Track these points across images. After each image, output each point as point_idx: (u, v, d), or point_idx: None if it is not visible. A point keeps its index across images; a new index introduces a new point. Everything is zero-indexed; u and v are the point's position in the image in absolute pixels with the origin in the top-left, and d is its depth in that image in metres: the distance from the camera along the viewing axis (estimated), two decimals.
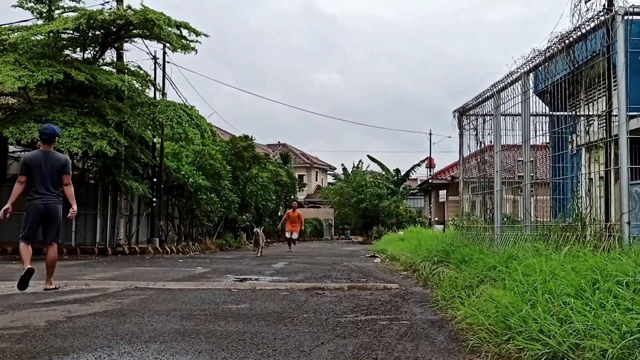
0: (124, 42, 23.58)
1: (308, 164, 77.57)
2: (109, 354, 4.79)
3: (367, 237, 50.29)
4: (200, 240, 30.26)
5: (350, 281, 11.35)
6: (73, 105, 20.46)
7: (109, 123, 20.49)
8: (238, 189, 34.71)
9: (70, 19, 20.21)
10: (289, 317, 6.78)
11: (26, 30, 20.96)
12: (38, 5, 23.18)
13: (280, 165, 50.03)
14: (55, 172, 9.53)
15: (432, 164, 55.22)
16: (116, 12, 21.12)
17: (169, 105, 22.01)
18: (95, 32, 21.64)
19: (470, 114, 12.17)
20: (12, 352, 4.82)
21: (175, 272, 13.49)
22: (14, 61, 19.12)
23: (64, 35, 21.50)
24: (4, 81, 18.29)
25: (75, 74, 19.36)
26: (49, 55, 20.24)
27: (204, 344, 5.22)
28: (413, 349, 5.14)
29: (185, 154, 28.61)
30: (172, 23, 21.22)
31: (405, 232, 28.00)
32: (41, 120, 18.81)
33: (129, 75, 23.40)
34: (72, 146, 18.39)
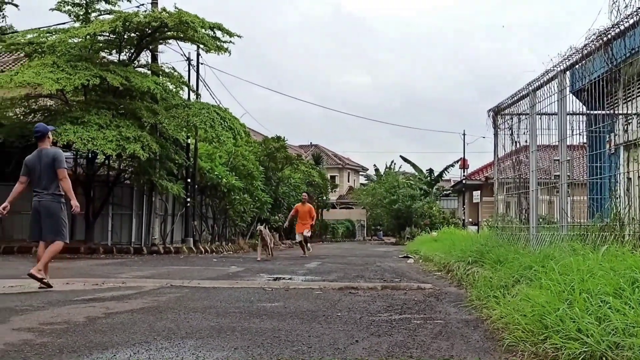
0: (158, 44, 23.82)
1: (340, 164, 77.54)
2: (147, 349, 4.86)
3: (399, 238, 50.10)
4: (233, 240, 30.45)
5: (383, 281, 11.34)
6: (109, 107, 20.72)
7: (143, 125, 20.71)
8: (270, 189, 34.85)
9: (107, 22, 20.47)
10: (323, 315, 6.80)
11: (64, 33, 21.27)
12: (75, 8, 23.52)
13: (313, 166, 50.08)
14: (47, 169, 9.44)
15: (466, 164, 54.86)
16: (151, 14, 21.33)
17: (203, 108, 22.17)
18: (131, 35, 21.88)
19: (505, 113, 12.07)
20: (53, 346, 4.91)
21: (209, 271, 13.59)
22: (52, 63, 19.42)
23: (100, 38, 21.77)
24: (43, 83, 18.58)
25: (110, 78, 19.60)
26: (86, 58, 20.52)
27: (239, 340, 5.27)
28: (448, 347, 5.13)
29: (219, 154, 28.78)
30: (206, 25, 21.38)
31: (439, 233, 27.85)
32: (77, 122, 19.09)
33: (164, 77, 23.62)
34: (106, 148, 18.62)
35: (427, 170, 58.80)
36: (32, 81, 18.74)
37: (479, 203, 37.90)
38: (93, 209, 22.34)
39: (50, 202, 9.40)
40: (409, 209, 50.79)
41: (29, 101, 21.94)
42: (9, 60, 29.48)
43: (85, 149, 19.16)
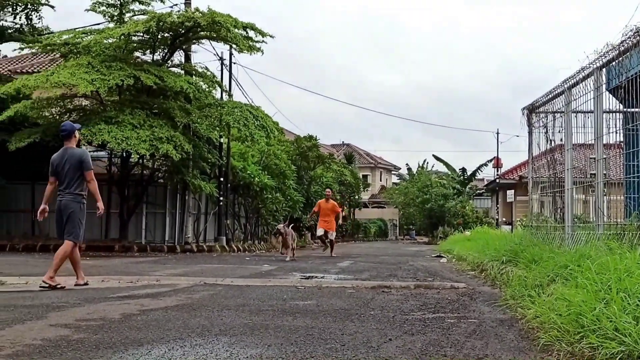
0: (191, 44, 24.00)
1: (372, 164, 77.39)
2: (181, 345, 4.89)
3: (432, 237, 49.89)
4: (265, 239, 30.58)
5: (416, 280, 11.30)
6: (142, 106, 20.94)
7: (177, 125, 20.87)
8: (303, 188, 34.91)
9: (141, 22, 20.68)
10: (356, 313, 6.79)
11: (98, 34, 21.55)
12: (110, 9, 23.83)
13: (345, 165, 50.05)
14: (72, 169, 9.32)
15: (499, 163, 54.41)
16: (184, 14, 21.50)
17: (236, 107, 22.30)
18: (164, 35, 22.08)
19: (540, 111, 11.93)
20: (89, 342, 4.97)
21: (242, 270, 13.65)
22: (87, 64, 19.67)
23: (134, 38, 22.02)
24: (77, 84, 18.83)
25: (144, 78, 19.79)
26: (120, 58, 20.75)
27: (272, 337, 5.28)
28: (482, 346, 5.09)
29: (251, 153, 28.91)
30: (239, 25, 21.48)
31: (472, 233, 27.66)
32: (111, 122, 19.31)
33: (197, 77, 23.79)
34: (139, 148, 18.82)
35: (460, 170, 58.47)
36: (67, 82, 19.02)
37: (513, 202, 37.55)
38: (127, 208, 22.58)
39: (70, 201, 9.30)
40: (441, 208, 50.54)
41: (65, 101, 22.27)
42: (45, 60, 29.96)
43: (119, 148, 19.40)
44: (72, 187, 9.31)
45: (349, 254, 23.45)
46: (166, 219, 23.71)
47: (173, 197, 23.87)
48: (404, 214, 60.73)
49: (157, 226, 23.85)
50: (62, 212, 9.33)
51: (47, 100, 21.45)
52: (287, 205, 30.56)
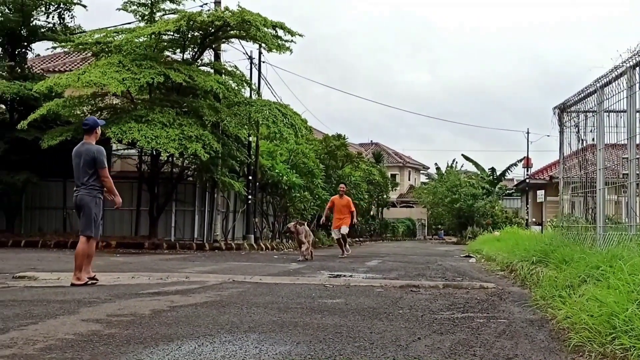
0: (221, 43, 24.10)
1: (401, 163, 77.15)
2: (210, 341, 4.93)
3: (461, 237, 49.60)
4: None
5: (445, 280, 11.25)
6: (172, 105, 21.08)
7: (205, 124, 20.99)
8: (331, 187, 34.86)
9: (171, 21, 20.83)
10: (385, 312, 6.79)
11: (129, 33, 21.75)
12: (140, 8, 24.04)
13: (373, 165, 49.95)
14: (86, 165, 9.25)
15: (530, 163, 53.92)
16: (214, 13, 21.61)
17: (265, 105, 22.36)
18: (194, 34, 22.21)
19: (572, 110, 11.80)
20: (121, 337, 5.02)
21: (270, 268, 13.70)
22: (118, 62, 19.85)
23: (164, 37, 22.18)
24: (108, 84, 19.02)
25: (174, 76, 19.93)
26: (151, 57, 20.91)
27: (301, 335, 5.30)
28: (512, 346, 5.06)
29: (280, 152, 28.97)
30: (269, 24, 21.52)
31: (501, 233, 27.46)
32: (141, 121, 19.48)
33: (226, 76, 23.90)
34: (169, 147, 18.95)
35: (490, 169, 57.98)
36: (98, 81, 19.20)
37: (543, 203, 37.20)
38: (157, 206, 22.76)
39: (84, 195, 9.23)
40: (470, 208, 50.21)
41: (96, 99, 22.51)
42: (77, 59, 30.32)
43: (148, 147, 19.55)
44: (86, 182, 9.24)
45: (377, 253, 23.43)
46: (195, 216, 23.86)
47: (202, 195, 24.02)
48: (433, 213, 60.44)
49: (186, 224, 24.01)
50: (77, 207, 9.34)
51: (79, 98, 21.69)
52: (315, 204, 30.58)
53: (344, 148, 37.62)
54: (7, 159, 21.61)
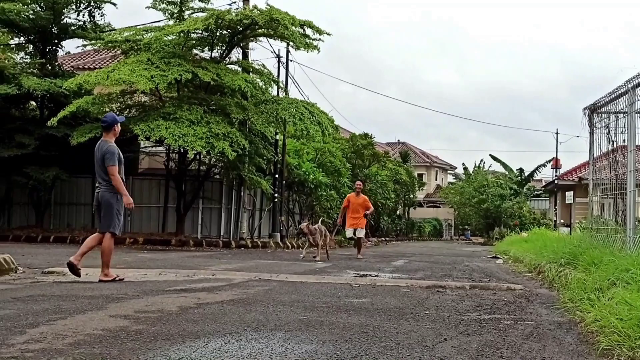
0: (249, 42, 24.18)
1: (428, 163, 76.81)
2: (237, 339, 4.95)
3: (488, 238, 49.28)
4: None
5: (472, 281, 11.18)
6: (200, 103, 21.19)
7: (232, 121, 21.07)
8: None
9: (200, 19, 20.93)
10: (411, 312, 6.76)
11: (159, 31, 21.93)
12: (170, 6, 24.22)
13: (400, 164, 49.82)
14: (100, 162, 9.25)
15: (558, 164, 53.40)
16: (243, 12, 21.67)
17: (292, 103, 22.39)
18: (223, 32, 22.30)
19: (602, 111, 11.66)
20: (148, 333, 5.06)
21: (296, 266, 13.72)
22: (147, 60, 20.01)
23: (193, 35, 22.30)
24: (137, 82, 19.16)
25: (202, 74, 20.02)
26: (179, 55, 21.04)
27: (327, 334, 5.30)
28: (540, 349, 5.01)
29: (306, 151, 29.00)
30: (297, 22, 21.52)
31: (529, 234, 27.23)
32: (169, 118, 19.61)
33: (254, 74, 23.97)
34: (196, 145, 19.05)
35: (518, 170, 57.58)
36: (127, 79, 19.34)
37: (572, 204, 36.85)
38: (184, 203, 22.91)
39: (105, 192, 9.21)
40: (498, 209, 49.89)
41: (125, 97, 22.71)
42: (106, 57, 30.61)
43: (176, 145, 19.66)
44: (106, 179, 9.23)
45: (403, 253, 23.36)
46: (222, 214, 23.97)
47: (229, 192, 24.12)
48: (459, 213, 60.14)
49: (213, 221, 24.13)
50: (97, 203, 9.36)
51: (108, 96, 21.90)
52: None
53: (370, 147, 37.57)
54: (37, 155, 21.87)
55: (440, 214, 66.19)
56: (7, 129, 22.17)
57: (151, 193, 24.54)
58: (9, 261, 9.95)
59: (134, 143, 24.37)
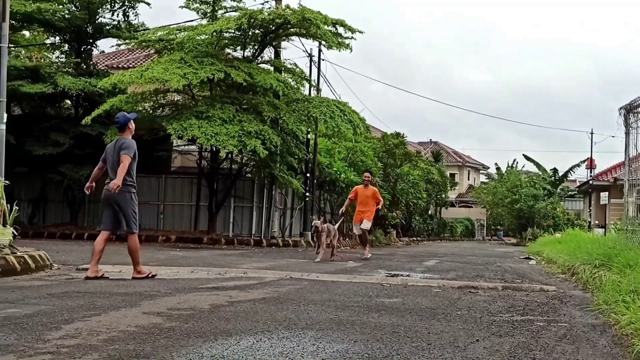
0: (281, 41, 24.22)
1: (460, 162, 76.34)
2: (269, 337, 4.97)
3: (520, 238, 48.84)
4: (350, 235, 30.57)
5: (504, 281, 11.09)
6: (232, 102, 21.30)
7: (265, 120, 21.14)
8: (389, 185, 34.75)
9: (232, 19, 21.03)
10: (442, 313, 6.73)
11: (192, 30, 22.09)
12: (203, 6, 24.38)
13: (432, 164, 49.58)
14: (115, 157, 9.09)
15: (593, 164, 52.72)
16: (275, 11, 21.72)
17: (323, 102, 22.40)
18: (255, 31, 22.38)
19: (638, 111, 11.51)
20: (181, 330, 5.11)
21: (327, 265, 13.72)
22: (180, 59, 20.16)
23: (225, 35, 22.40)
24: (170, 79, 19.32)
25: (234, 74, 20.10)
26: (212, 54, 21.17)
27: (358, 334, 5.30)
28: (573, 351, 4.96)
29: (338, 150, 28.98)
30: (329, 21, 21.51)
31: (562, 235, 26.93)
32: (202, 117, 19.74)
33: (286, 73, 24.03)
34: (228, 145, 19.13)
35: (551, 170, 56.95)
36: (160, 77, 19.51)
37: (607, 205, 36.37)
38: (216, 201, 23.04)
39: (119, 192, 9.00)
40: (531, 209, 49.41)
41: (158, 96, 22.90)
42: (140, 56, 30.91)
43: (208, 144, 19.76)
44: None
45: (434, 253, 23.26)
46: (253, 213, 24.06)
47: (260, 191, 24.21)
48: (492, 214, 59.71)
49: (244, 220, 24.23)
50: (109, 203, 9.20)
51: (142, 94, 22.11)
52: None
53: (402, 146, 37.42)
54: (72, 154, 22.15)
55: (473, 214, 65.78)
56: (43, 127, 22.51)
57: (183, 191, 24.73)
58: (45, 258, 10.10)
59: (166, 142, 24.60)
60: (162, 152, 25.60)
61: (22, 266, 9.24)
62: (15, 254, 9.49)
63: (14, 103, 22.62)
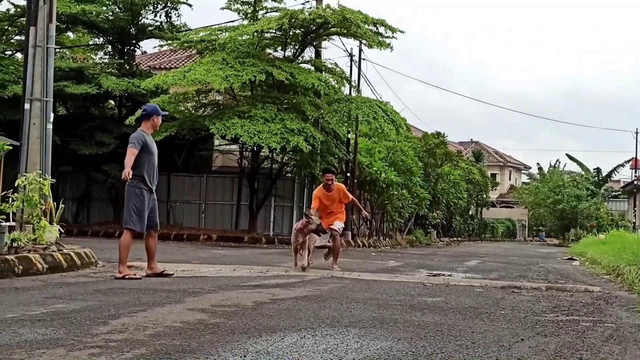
0: (322, 40, 24.26)
1: (501, 162, 75.55)
2: (312, 334, 4.99)
3: (563, 239, 48.22)
4: (390, 235, 30.54)
5: (547, 282, 10.97)
6: (274, 101, 21.41)
7: (307, 119, 21.20)
8: (429, 185, 34.58)
9: (274, 19, 21.13)
10: (486, 312, 6.69)
11: (233, 31, 22.26)
12: (244, 6, 24.55)
13: (473, 163, 49.23)
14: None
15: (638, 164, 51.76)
16: (316, 11, 21.75)
17: (365, 102, 22.40)
18: (296, 31, 22.45)
19: None
20: (225, 326, 5.16)
21: (368, 264, 13.73)
22: (222, 60, 20.32)
23: (266, 35, 22.53)
24: (212, 81, 19.49)
25: (276, 73, 20.20)
26: (253, 55, 21.29)
27: (401, 332, 5.29)
28: (620, 351, 4.89)
29: (378, 149, 28.89)
30: (369, 21, 21.49)
31: (606, 236, 26.51)
32: (244, 117, 19.87)
33: (326, 73, 24.05)
34: (271, 142, 19.23)
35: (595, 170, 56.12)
36: (202, 79, 19.68)
37: None
38: (257, 201, 23.18)
39: (127, 186, 8.88)
40: (574, 210, 48.75)
41: (200, 96, 23.13)
42: (182, 56, 31.21)
43: (251, 142, 19.85)
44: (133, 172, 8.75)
45: (475, 253, 23.09)
46: (293, 212, 24.16)
47: (300, 190, 24.30)
48: (534, 214, 59.05)
49: (285, 219, 24.35)
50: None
51: (184, 95, 22.36)
52: (413, 202, 30.37)
53: (443, 146, 37.21)
54: (115, 153, 22.42)
55: (514, 215, 65.08)
56: (87, 127, 22.89)
57: (224, 191, 24.95)
58: (90, 255, 10.28)
59: (208, 141, 24.83)
60: (204, 151, 25.85)
61: (69, 263, 9.40)
62: (62, 251, 9.66)
63: (59, 103, 23.01)
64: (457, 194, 39.68)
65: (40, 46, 10.91)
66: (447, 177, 38.45)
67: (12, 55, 25.34)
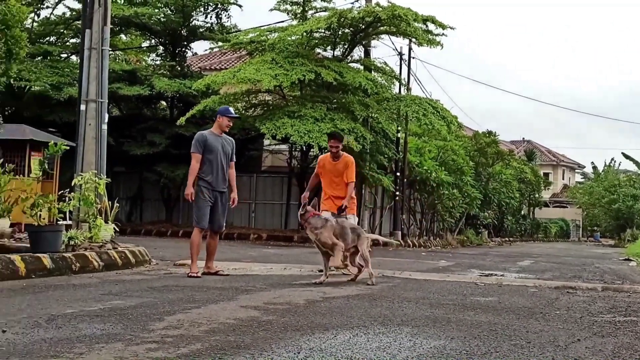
0: (371, 39, 24.19)
1: (554, 161, 74.28)
2: (365, 332, 4.98)
3: (619, 240, 47.23)
4: (441, 235, 30.33)
5: (603, 282, 10.75)
6: (323, 101, 21.43)
7: (356, 118, 21.17)
8: (480, 185, 34.26)
9: (322, 19, 21.16)
10: (540, 312, 6.59)
11: (282, 31, 22.36)
12: (293, 7, 24.65)
13: (525, 163, 48.53)
14: None
15: None
16: (365, 9, 21.68)
17: (415, 100, 22.28)
18: (345, 30, 22.43)
19: None
20: (278, 324, 5.19)
21: (419, 264, 13.66)
22: (271, 60, 20.44)
23: (315, 35, 22.57)
24: (261, 80, 19.62)
25: (324, 74, 20.20)
26: (302, 54, 21.35)
27: (454, 331, 5.24)
28: None
29: (428, 149, 28.73)
30: (419, 18, 21.34)
31: None
32: (294, 116, 19.93)
33: (375, 72, 23.99)
34: (321, 141, 19.24)
35: None
36: (252, 78, 19.82)
37: None
38: None
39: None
40: (630, 210, 47.74)
41: (250, 96, 23.27)
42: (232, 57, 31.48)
43: (301, 142, 19.91)
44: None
45: (528, 254, 22.77)
46: None
47: None
48: (588, 214, 58.03)
49: None
50: None
51: (234, 95, 22.53)
52: (464, 201, 30.12)
53: (494, 145, 36.78)
54: (168, 154, 22.77)
55: (568, 215, 63.98)
56: (140, 128, 23.25)
57: (274, 190, 25.07)
58: (143, 253, 10.44)
59: (257, 141, 24.99)
60: (253, 151, 26.02)
61: (123, 261, 9.56)
62: (117, 249, 9.84)
63: (113, 105, 23.44)
64: (509, 193, 39.20)
65: (95, 48, 11.12)
66: (498, 177, 38.02)
67: (68, 57, 25.93)
